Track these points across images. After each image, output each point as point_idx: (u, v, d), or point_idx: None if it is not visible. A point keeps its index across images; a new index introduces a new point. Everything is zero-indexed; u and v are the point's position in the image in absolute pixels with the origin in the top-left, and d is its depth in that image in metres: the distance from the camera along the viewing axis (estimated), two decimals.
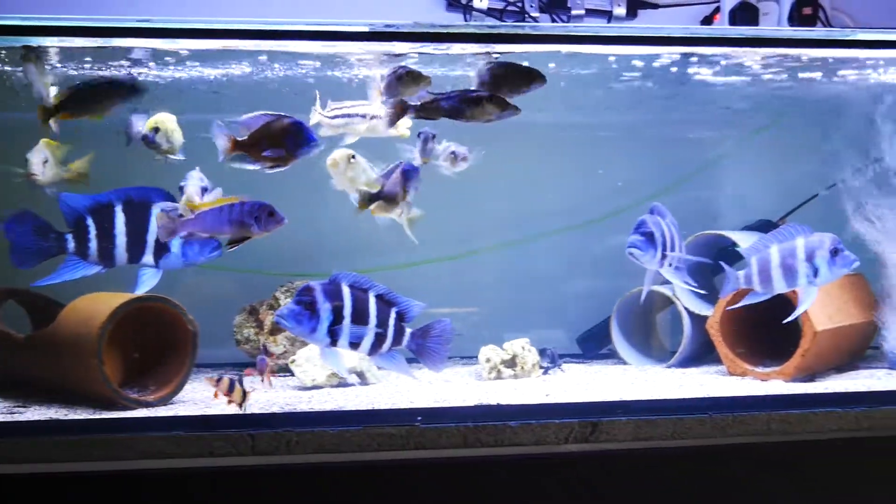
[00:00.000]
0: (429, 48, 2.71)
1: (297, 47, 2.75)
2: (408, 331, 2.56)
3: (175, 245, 2.92)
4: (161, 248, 2.91)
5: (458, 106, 2.59)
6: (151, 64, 2.97)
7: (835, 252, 2.60)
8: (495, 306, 3.75)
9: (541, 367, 3.17)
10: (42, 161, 2.86)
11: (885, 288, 3.24)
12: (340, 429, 2.41)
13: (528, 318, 3.73)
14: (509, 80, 2.60)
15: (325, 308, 2.45)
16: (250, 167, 2.56)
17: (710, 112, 3.75)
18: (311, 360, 2.97)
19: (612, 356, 3.51)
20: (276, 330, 3.28)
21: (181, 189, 2.76)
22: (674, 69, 3.22)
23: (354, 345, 2.51)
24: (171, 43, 2.75)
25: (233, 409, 2.54)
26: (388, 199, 2.77)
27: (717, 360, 3.16)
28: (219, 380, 2.54)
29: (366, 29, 2.58)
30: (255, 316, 3.35)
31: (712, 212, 3.83)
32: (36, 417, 2.54)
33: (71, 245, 2.88)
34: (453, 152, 2.86)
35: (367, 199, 2.79)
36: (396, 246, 3.53)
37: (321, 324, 2.45)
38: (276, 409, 2.59)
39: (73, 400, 2.67)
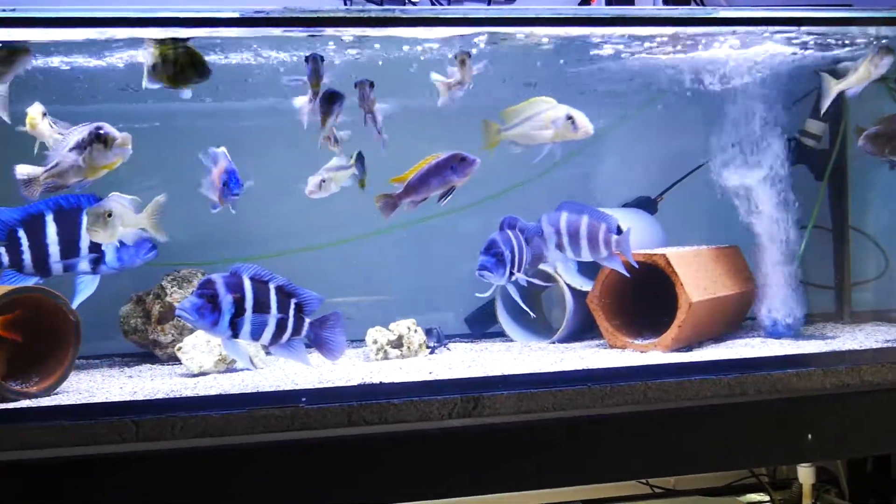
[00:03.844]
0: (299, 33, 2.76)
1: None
2: (307, 321, 2.59)
3: (110, 250, 2.94)
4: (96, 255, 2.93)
5: None
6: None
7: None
8: (387, 290, 3.79)
9: (427, 347, 3.22)
10: None
11: (758, 258, 3.37)
12: (225, 412, 2.42)
13: (420, 301, 3.78)
14: None
15: (226, 300, 2.48)
16: None
17: (591, 91, 3.82)
18: (197, 346, 2.96)
19: (500, 335, 3.57)
20: (163, 319, 3.26)
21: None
22: (551, 50, 3.29)
23: (255, 335, 2.54)
24: (38, 33, 2.71)
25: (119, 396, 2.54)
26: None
27: (600, 335, 3.25)
28: None
29: (236, 15, 2.59)
30: (141, 306, 3.32)
31: (600, 188, 3.91)
32: None
33: (4, 259, 2.93)
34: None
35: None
36: (282, 233, 3.59)
37: (223, 316, 2.47)
38: (160, 396, 2.59)
39: None
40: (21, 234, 2.96)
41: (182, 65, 2.61)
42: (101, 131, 2.56)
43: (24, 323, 2.64)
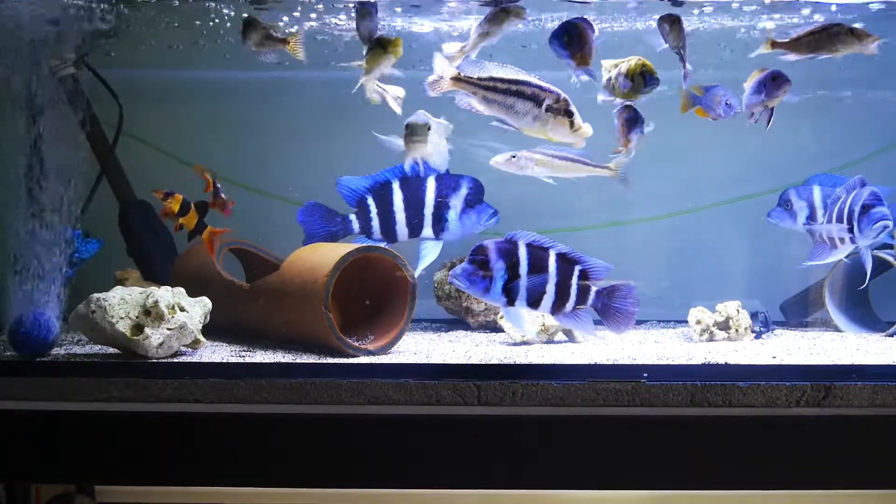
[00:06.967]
0: None
1: None
2: (593, 289, 2.51)
3: (452, 216, 3.01)
4: (439, 221, 2.99)
5: None
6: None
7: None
8: (683, 272, 3.66)
9: (752, 332, 3.08)
10: None
11: None
12: (565, 382, 2.38)
13: (725, 285, 3.62)
14: None
15: (498, 267, 2.43)
16: None
17: None
18: None
19: (818, 324, 3.37)
20: None
21: None
22: None
23: (534, 303, 2.48)
24: None
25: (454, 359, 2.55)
26: None
27: None
28: (168, 194, 2.56)
29: None
30: None
31: None
32: (265, 360, 2.61)
33: (355, 226, 3.03)
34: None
35: None
36: (589, 209, 3.53)
37: (495, 283, 2.43)
38: (495, 362, 2.58)
39: (294, 345, 2.73)
40: (370, 201, 3.08)
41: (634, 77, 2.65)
42: (570, 110, 2.58)
43: (367, 281, 2.69)
